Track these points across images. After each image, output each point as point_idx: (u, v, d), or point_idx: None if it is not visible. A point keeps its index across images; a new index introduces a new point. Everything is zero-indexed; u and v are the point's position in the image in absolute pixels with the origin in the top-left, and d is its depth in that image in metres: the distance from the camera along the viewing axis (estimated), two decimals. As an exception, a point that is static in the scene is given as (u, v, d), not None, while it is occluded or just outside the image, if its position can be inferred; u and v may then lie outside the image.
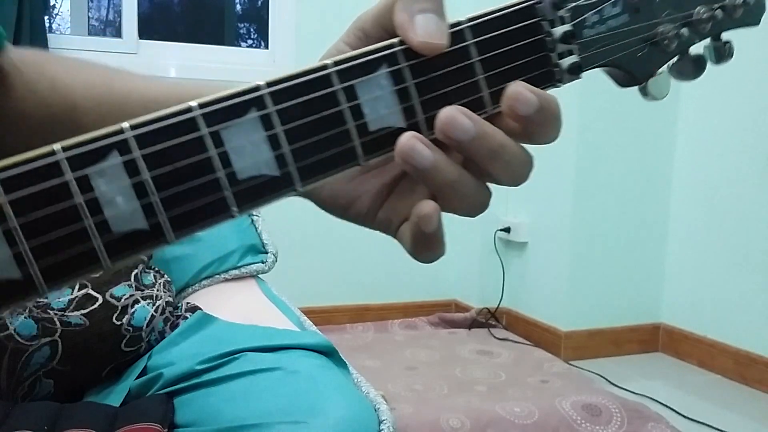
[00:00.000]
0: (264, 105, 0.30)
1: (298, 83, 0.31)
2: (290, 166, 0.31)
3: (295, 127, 0.31)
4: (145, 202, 0.29)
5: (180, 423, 0.71)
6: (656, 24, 0.38)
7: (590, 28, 0.36)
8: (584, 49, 0.36)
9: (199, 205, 0.30)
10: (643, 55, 0.38)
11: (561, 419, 1.69)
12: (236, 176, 0.30)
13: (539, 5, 0.35)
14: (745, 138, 2.12)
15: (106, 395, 0.83)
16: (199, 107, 0.30)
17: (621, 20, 0.37)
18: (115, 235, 0.28)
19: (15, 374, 0.81)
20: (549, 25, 0.35)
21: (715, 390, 2.11)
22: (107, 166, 0.28)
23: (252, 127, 0.30)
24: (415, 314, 2.68)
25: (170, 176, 0.29)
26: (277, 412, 0.64)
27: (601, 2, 0.36)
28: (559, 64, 0.35)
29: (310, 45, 2.52)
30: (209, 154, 0.30)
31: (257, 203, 0.31)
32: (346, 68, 0.32)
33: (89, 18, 3.49)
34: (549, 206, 2.42)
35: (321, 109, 0.31)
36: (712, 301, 2.29)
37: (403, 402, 1.78)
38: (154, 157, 0.29)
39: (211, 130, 0.30)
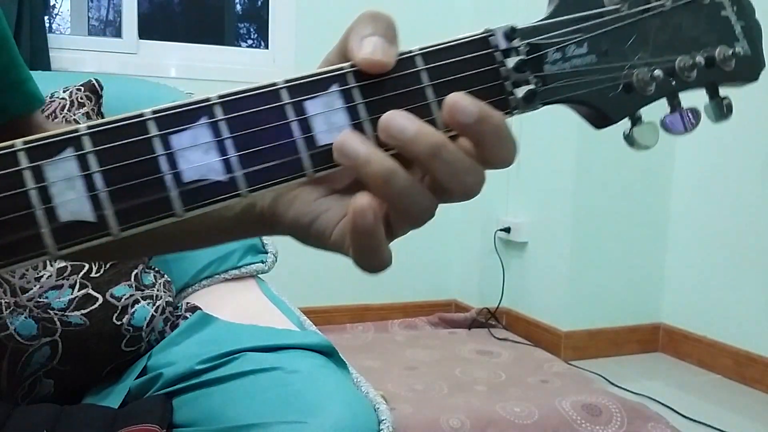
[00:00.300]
0: (213, 114, 0.32)
1: (248, 96, 0.33)
2: (236, 171, 0.32)
3: (244, 135, 0.32)
4: (92, 194, 0.30)
5: (180, 423, 0.71)
6: (628, 66, 0.39)
7: (552, 64, 0.37)
8: (545, 83, 0.37)
9: (143, 202, 0.31)
10: (616, 96, 0.39)
11: (561, 419, 1.69)
12: (182, 178, 0.32)
13: (491, 37, 0.36)
14: (745, 138, 2.12)
15: (106, 395, 0.83)
16: (152, 113, 0.32)
17: (587, 60, 0.38)
18: (61, 223, 0.30)
19: (15, 374, 0.81)
20: (502, 56, 0.36)
21: (715, 390, 2.11)
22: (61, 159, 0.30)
23: (201, 133, 0.32)
24: (415, 314, 2.68)
25: (119, 172, 0.31)
26: (277, 412, 0.64)
27: (563, 41, 0.37)
28: (514, 93, 0.36)
29: (310, 45, 2.52)
30: (156, 154, 0.31)
31: (202, 205, 0.32)
32: (296, 86, 0.34)
33: (89, 18, 3.49)
34: (549, 206, 2.42)
35: (269, 121, 0.33)
36: (712, 301, 2.29)
37: (403, 402, 1.78)
38: (105, 153, 0.31)
39: (161, 133, 0.31)
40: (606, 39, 0.39)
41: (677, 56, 0.40)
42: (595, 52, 0.38)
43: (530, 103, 0.37)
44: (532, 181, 2.47)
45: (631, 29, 0.39)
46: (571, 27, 0.38)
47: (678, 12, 0.41)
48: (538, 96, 0.37)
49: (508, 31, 0.37)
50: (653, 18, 0.40)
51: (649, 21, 0.40)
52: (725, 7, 0.42)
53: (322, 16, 2.56)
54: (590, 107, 0.39)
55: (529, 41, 0.37)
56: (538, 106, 0.37)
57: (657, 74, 0.39)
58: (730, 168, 2.19)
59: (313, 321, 1.05)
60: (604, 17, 0.39)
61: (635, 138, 0.40)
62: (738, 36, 0.42)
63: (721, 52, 0.41)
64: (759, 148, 2.10)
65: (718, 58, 0.41)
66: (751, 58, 0.42)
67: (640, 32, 0.39)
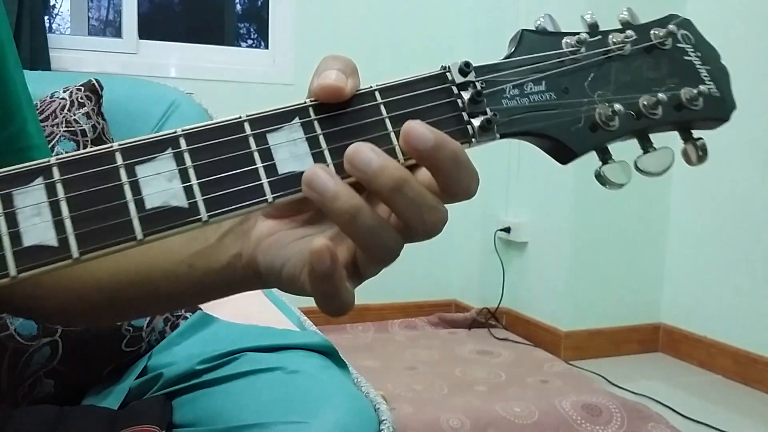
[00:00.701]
0: (178, 145, 0.34)
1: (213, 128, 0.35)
2: (198, 198, 0.33)
3: (206, 164, 0.34)
4: (57, 219, 0.32)
5: (180, 423, 0.71)
6: (588, 103, 0.40)
7: (510, 99, 0.39)
8: (504, 115, 0.38)
9: (105, 226, 0.32)
10: (578, 130, 0.40)
11: (561, 419, 1.69)
12: (144, 204, 0.33)
13: (447, 72, 0.38)
14: (745, 138, 2.11)
15: (106, 395, 0.83)
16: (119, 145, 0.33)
17: (546, 96, 0.40)
18: (24, 247, 0.31)
19: (15, 374, 0.81)
20: (458, 89, 0.38)
21: (715, 390, 2.11)
22: (30, 187, 0.32)
23: (165, 163, 0.33)
24: (415, 314, 2.68)
25: (84, 199, 0.32)
26: (277, 412, 0.64)
27: (521, 79, 0.39)
28: (471, 123, 0.38)
29: (310, 45, 2.52)
30: (121, 182, 0.33)
31: (164, 231, 0.33)
32: (259, 118, 0.35)
33: (89, 18, 3.49)
34: (549, 206, 2.42)
35: (231, 151, 0.34)
36: (712, 301, 2.29)
37: (403, 402, 1.78)
38: (72, 182, 0.32)
39: (127, 163, 0.33)
40: (565, 78, 0.40)
41: (640, 95, 0.41)
42: (554, 89, 0.40)
43: (487, 132, 0.38)
44: (532, 181, 2.46)
45: (590, 69, 0.41)
46: (528, 66, 0.40)
47: (639, 56, 0.42)
48: (495, 125, 0.38)
49: (463, 66, 0.38)
50: (613, 60, 0.41)
51: (608, 63, 0.41)
52: (688, 53, 0.44)
53: (322, 16, 2.56)
54: (552, 141, 0.40)
55: (486, 77, 0.39)
56: (496, 137, 0.38)
57: (618, 108, 0.40)
58: (730, 168, 2.19)
59: (313, 321, 1.05)
60: (563, 58, 0.40)
61: (605, 175, 0.41)
62: (704, 79, 0.43)
63: (687, 92, 0.42)
64: (759, 148, 2.11)
65: (684, 98, 0.42)
66: (720, 99, 0.43)
67: (601, 72, 0.41)
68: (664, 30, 0.43)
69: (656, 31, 0.43)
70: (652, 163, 0.41)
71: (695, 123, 0.43)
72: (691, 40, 0.44)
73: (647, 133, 0.42)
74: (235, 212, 0.34)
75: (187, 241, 0.43)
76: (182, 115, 1.15)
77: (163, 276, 0.44)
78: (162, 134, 0.34)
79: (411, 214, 0.35)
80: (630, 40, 0.42)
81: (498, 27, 2.63)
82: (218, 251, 0.42)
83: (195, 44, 2.61)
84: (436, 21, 2.71)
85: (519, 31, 0.41)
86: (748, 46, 2.13)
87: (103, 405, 0.79)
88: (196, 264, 0.43)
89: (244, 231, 0.41)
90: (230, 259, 0.42)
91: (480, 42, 2.71)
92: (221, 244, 0.42)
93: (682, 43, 0.44)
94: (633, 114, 0.41)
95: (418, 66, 0.37)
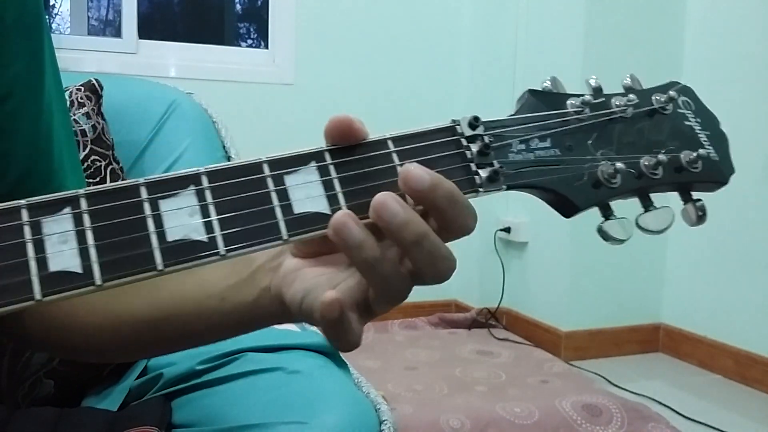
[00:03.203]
0: (200, 182, 0.36)
1: (233, 167, 0.37)
2: (217, 233, 0.35)
3: (226, 201, 0.36)
4: (82, 247, 0.33)
5: (180, 423, 0.71)
6: (591, 160, 0.42)
7: (516, 153, 0.41)
8: (510, 168, 0.40)
9: (128, 256, 0.34)
10: (582, 186, 0.42)
11: (561, 419, 1.69)
12: (166, 236, 0.34)
13: (458, 125, 0.40)
14: (745, 138, 2.11)
15: (106, 395, 0.83)
16: (144, 180, 0.35)
17: (551, 153, 0.41)
18: (49, 271, 0.33)
19: (15, 375, 0.81)
20: (467, 141, 0.40)
21: (716, 390, 2.11)
22: (59, 216, 0.34)
23: (187, 199, 0.35)
24: (415, 314, 2.68)
25: (109, 230, 0.34)
26: (278, 412, 0.64)
27: (526, 135, 0.41)
28: (479, 173, 0.40)
29: (310, 45, 2.52)
30: (144, 215, 0.34)
31: (183, 263, 0.35)
32: (277, 160, 0.37)
33: (89, 18, 3.49)
34: (549, 207, 2.42)
35: (250, 190, 0.36)
36: (712, 301, 2.29)
37: (404, 402, 1.78)
38: (98, 213, 0.34)
39: (151, 197, 0.35)
40: (569, 136, 0.42)
41: (641, 156, 0.43)
42: (559, 146, 0.42)
43: (494, 183, 0.40)
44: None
45: (593, 129, 0.43)
46: (534, 123, 0.41)
47: (640, 119, 0.44)
48: (502, 176, 0.40)
49: (472, 120, 0.40)
50: (615, 122, 0.43)
51: (611, 124, 0.43)
52: (688, 118, 0.45)
53: (322, 16, 2.55)
54: (556, 195, 0.42)
55: (494, 132, 0.41)
56: (503, 188, 0.40)
57: (620, 167, 0.42)
58: (730, 168, 2.19)
59: (314, 321, 1.04)
60: (567, 117, 0.42)
61: (606, 231, 0.43)
62: (703, 143, 0.45)
63: (686, 155, 0.44)
64: (759, 149, 2.10)
65: (684, 161, 0.43)
66: (719, 163, 0.45)
67: (603, 133, 0.43)
68: (665, 95, 0.45)
69: (658, 96, 0.45)
70: (653, 221, 0.43)
71: (694, 185, 0.45)
72: (692, 106, 0.46)
73: (648, 193, 0.44)
74: (252, 248, 0.36)
75: (222, 276, 0.46)
76: (182, 115, 1.15)
77: (195, 308, 0.47)
78: (185, 171, 0.36)
79: (426, 264, 0.37)
80: (632, 104, 0.44)
81: (498, 26, 2.63)
82: (250, 285, 0.44)
83: (195, 44, 2.61)
84: (435, 20, 2.71)
85: (526, 91, 0.43)
86: (747, 50, 2.14)
87: (103, 405, 0.79)
88: (228, 297, 0.45)
89: (274, 267, 0.43)
90: (260, 292, 0.44)
91: (480, 41, 2.71)
92: (253, 278, 0.44)
93: (682, 108, 0.46)
94: (634, 173, 0.43)
95: (419, 64, 0.37)
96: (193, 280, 0.47)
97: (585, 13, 2.26)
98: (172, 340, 0.51)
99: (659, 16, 2.35)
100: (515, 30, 2.52)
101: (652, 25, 2.34)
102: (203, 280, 0.46)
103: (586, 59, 2.24)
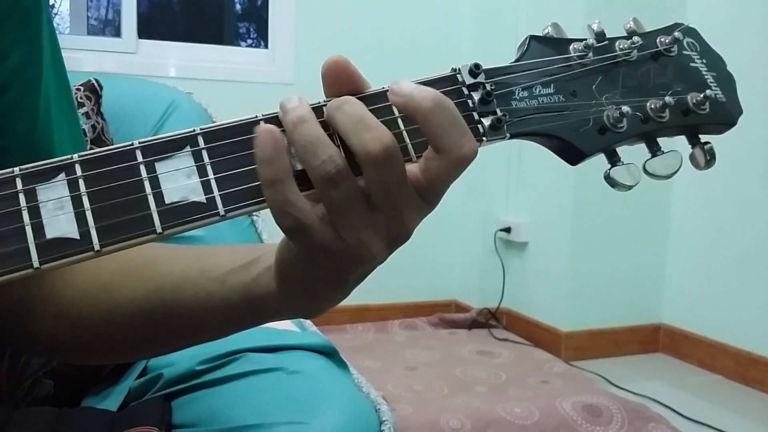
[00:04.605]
0: (197, 143, 0.35)
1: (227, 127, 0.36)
2: (215, 193, 0.35)
3: (222, 161, 0.35)
4: (79, 212, 0.33)
5: (180, 423, 0.71)
6: (596, 104, 0.41)
7: (519, 101, 0.40)
8: (512, 115, 0.39)
9: (125, 219, 0.33)
10: (587, 131, 0.41)
11: (561, 420, 1.69)
12: (163, 198, 0.34)
13: (458, 74, 0.39)
14: (745, 138, 2.11)
15: (106, 396, 0.83)
16: (139, 143, 0.35)
17: (555, 98, 0.41)
18: (46, 238, 0.32)
19: (15, 375, 0.81)
20: (468, 89, 0.39)
21: (716, 390, 2.11)
22: (54, 182, 0.33)
23: (184, 160, 0.35)
24: (415, 314, 2.68)
25: (104, 194, 0.33)
26: (278, 412, 0.64)
27: (529, 82, 0.40)
28: (481, 122, 0.39)
29: (310, 45, 2.52)
30: (141, 177, 0.34)
31: (181, 224, 0.34)
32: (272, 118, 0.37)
33: (88, 17, 3.49)
34: (549, 206, 2.42)
35: (248, 148, 0.35)
36: (712, 301, 2.29)
37: (404, 402, 1.78)
38: (93, 177, 0.33)
39: (146, 160, 0.34)
40: (573, 81, 0.41)
41: (647, 99, 0.42)
42: (563, 92, 0.41)
43: (497, 131, 0.39)
44: (532, 181, 2.46)
45: (597, 74, 0.42)
46: (537, 69, 0.41)
47: (645, 62, 0.43)
48: (505, 124, 0.39)
49: (473, 68, 0.39)
50: (620, 66, 0.43)
51: (615, 68, 0.42)
52: (693, 59, 0.45)
53: (321, 16, 2.55)
54: (561, 141, 0.41)
55: (495, 79, 0.40)
56: (506, 136, 0.39)
57: (626, 110, 0.41)
58: (730, 168, 2.19)
59: (313, 321, 1.04)
60: (570, 63, 0.42)
61: (614, 177, 0.42)
62: (710, 84, 0.44)
63: (693, 97, 0.43)
64: (759, 148, 2.10)
65: (691, 103, 0.43)
66: (727, 105, 0.44)
67: (608, 77, 0.42)
68: (669, 37, 0.44)
69: (662, 38, 0.44)
70: (661, 166, 0.42)
71: (702, 127, 0.43)
72: (697, 47, 0.45)
73: (655, 137, 0.43)
74: (251, 208, 0.35)
75: (225, 261, 0.45)
76: (182, 114, 1.15)
77: (194, 293, 0.46)
78: (180, 133, 0.35)
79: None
80: (636, 46, 0.43)
81: (498, 24, 2.63)
82: (252, 266, 0.43)
83: (194, 44, 2.61)
84: (436, 20, 2.70)
85: (527, 37, 0.42)
86: (748, 48, 2.13)
87: (103, 405, 0.79)
88: (228, 280, 0.44)
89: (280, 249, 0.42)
90: (261, 271, 0.43)
91: (481, 40, 2.71)
92: (257, 261, 0.43)
93: (687, 50, 0.45)
94: (641, 117, 0.41)
95: (418, 65, 0.37)
96: (195, 267, 0.46)
97: (585, 13, 2.26)
98: (172, 331, 0.50)
99: (660, 20, 2.35)
100: (515, 30, 2.52)
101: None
102: (207, 267, 0.46)
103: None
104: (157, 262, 0.49)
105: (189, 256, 0.48)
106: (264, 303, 0.43)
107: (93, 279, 0.50)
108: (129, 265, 0.49)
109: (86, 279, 0.50)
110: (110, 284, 0.50)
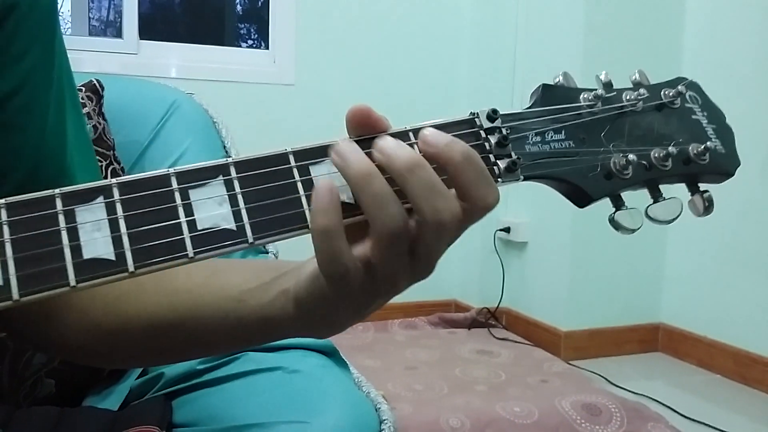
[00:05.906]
0: (229, 172, 0.37)
1: (259, 158, 0.38)
2: (245, 221, 0.36)
3: (252, 192, 0.37)
4: (115, 235, 0.34)
5: (181, 423, 0.71)
6: (604, 152, 0.44)
7: (532, 145, 0.43)
8: (527, 159, 0.42)
9: (159, 243, 0.35)
10: (595, 176, 0.44)
11: (561, 419, 1.70)
12: (196, 224, 0.36)
13: (477, 118, 0.42)
14: (744, 138, 2.11)
15: (107, 395, 0.83)
16: (174, 171, 0.36)
17: (565, 144, 0.43)
18: (83, 258, 0.34)
19: (17, 374, 0.81)
20: (486, 133, 0.42)
21: (715, 390, 2.11)
22: (93, 204, 0.35)
23: (217, 188, 0.36)
24: (415, 314, 2.68)
25: (140, 217, 0.35)
26: (278, 411, 0.64)
27: (542, 128, 0.43)
28: (497, 164, 0.41)
29: (310, 45, 2.52)
30: (176, 204, 0.36)
31: (212, 250, 0.36)
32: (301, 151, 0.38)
33: (90, 18, 3.50)
34: (549, 206, 2.42)
35: (277, 180, 0.37)
36: (711, 301, 2.29)
37: (403, 402, 1.78)
38: (130, 201, 0.35)
39: (181, 187, 0.36)
40: (582, 129, 0.44)
41: (651, 148, 0.45)
42: (573, 138, 0.43)
43: (512, 173, 0.41)
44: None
45: (605, 122, 0.44)
46: (549, 116, 0.43)
47: (650, 113, 0.46)
48: (519, 167, 0.41)
49: (491, 113, 0.42)
50: (627, 116, 0.45)
51: (622, 117, 0.45)
52: (695, 112, 0.47)
53: (322, 16, 2.56)
54: (570, 185, 0.43)
55: (511, 124, 0.42)
56: (520, 178, 0.42)
57: (632, 159, 0.43)
58: (729, 168, 2.19)
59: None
60: (580, 111, 0.44)
61: (618, 221, 0.45)
62: (710, 136, 0.47)
63: (694, 148, 0.45)
64: (759, 148, 2.11)
65: (692, 153, 0.45)
66: (726, 156, 0.47)
67: (615, 125, 0.45)
68: (673, 90, 0.47)
69: (666, 91, 0.47)
70: (662, 211, 0.45)
71: (702, 176, 0.46)
72: (698, 101, 0.48)
73: (657, 184, 0.45)
74: (278, 237, 0.37)
75: (243, 280, 0.46)
76: (183, 115, 1.15)
77: (211, 311, 0.46)
78: (214, 162, 0.37)
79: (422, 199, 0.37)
80: (642, 98, 0.46)
81: (499, 24, 2.64)
82: (271, 287, 0.44)
83: (196, 45, 2.61)
84: (435, 20, 2.71)
85: (540, 85, 0.45)
86: (748, 48, 2.14)
87: (104, 405, 0.79)
88: (246, 299, 0.45)
89: (299, 271, 0.42)
90: (279, 293, 0.43)
91: (480, 41, 2.71)
92: (276, 282, 0.44)
93: (690, 103, 0.48)
94: (645, 164, 0.44)
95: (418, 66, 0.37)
96: (213, 283, 0.47)
97: (584, 13, 2.26)
98: (183, 345, 0.50)
99: (658, 16, 2.35)
100: (515, 30, 2.52)
101: (651, 26, 2.34)
102: (223, 285, 0.46)
103: (585, 59, 2.24)
104: (172, 274, 0.49)
105: (204, 269, 0.48)
106: (279, 324, 0.44)
107: (109, 288, 0.50)
108: (145, 277, 0.49)
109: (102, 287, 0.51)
110: (126, 294, 0.50)
